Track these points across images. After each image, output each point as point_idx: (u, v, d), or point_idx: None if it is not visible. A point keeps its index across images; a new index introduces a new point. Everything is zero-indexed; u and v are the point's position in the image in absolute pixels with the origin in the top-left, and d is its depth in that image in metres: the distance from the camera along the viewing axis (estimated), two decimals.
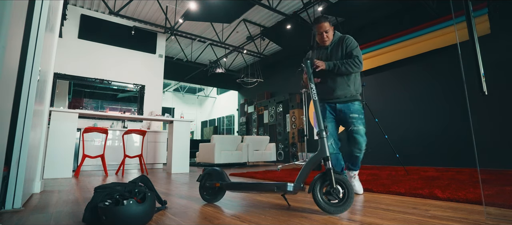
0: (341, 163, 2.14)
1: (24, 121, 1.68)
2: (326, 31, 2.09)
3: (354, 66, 2.00)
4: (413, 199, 1.95)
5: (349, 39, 2.09)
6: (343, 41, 2.09)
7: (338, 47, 2.11)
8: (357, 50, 2.05)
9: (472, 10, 1.41)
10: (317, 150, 1.58)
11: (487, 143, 3.95)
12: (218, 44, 7.59)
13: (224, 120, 13.35)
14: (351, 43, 2.08)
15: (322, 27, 2.09)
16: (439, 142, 4.70)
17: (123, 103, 6.45)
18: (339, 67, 1.99)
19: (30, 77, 1.72)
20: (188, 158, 4.64)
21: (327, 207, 1.48)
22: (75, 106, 5.78)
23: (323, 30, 2.10)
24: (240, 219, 1.42)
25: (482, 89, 1.32)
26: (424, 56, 5.01)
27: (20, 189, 1.67)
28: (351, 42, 2.08)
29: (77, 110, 3.89)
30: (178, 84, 14.00)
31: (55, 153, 3.56)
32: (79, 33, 5.84)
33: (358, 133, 2.02)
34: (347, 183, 1.48)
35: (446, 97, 4.71)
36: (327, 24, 2.09)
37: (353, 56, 2.03)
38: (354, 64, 2.00)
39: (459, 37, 4.11)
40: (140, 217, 1.28)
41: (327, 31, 2.10)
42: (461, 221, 1.32)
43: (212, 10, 5.47)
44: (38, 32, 1.81)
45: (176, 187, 2.70)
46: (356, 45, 2.07)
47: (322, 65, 1.96)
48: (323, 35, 2.10)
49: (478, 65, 1.32)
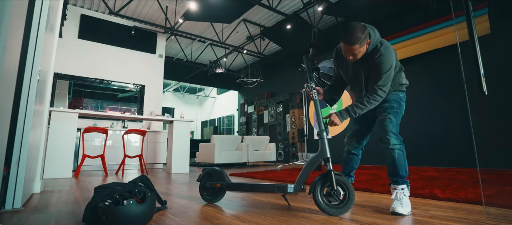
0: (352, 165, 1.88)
1: (24, 121, 1.68)
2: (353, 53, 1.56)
3: (372, 104, 1.58)
4: (413, 199, 1.95)
5: (381, 55, 1.55)
6: (375, 57, 1.57)
7: (369, 61, 1.61)
8: (386, 76, 1.55)
9: (472, 10, 1.41)
10: (318, 151, 1.58)
11: (487, 143, 3.95)
12: (218, 44, 7.59)
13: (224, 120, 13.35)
14: (382, 63, 1.54)
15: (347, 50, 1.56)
16: (439, 142, 4.70)
17: (123, 103, 6.44)
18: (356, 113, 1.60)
19: (30, 77, 1.72)
20: (188, 158, 4.64)
21: (328, 209, 1.48)
22: (75, 106, 5.78)
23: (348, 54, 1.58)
24: (240, 219, 1.42)
25: (482, 89, 1.32)
26: (424, 56, 5.00)
27: (20, 189, 1.67)
28: (382, 60, 1.54)
29: (77, 110, 3.89)
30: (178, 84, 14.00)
31: (55, 153, 3.56)
32: (79, 33, 5.84)
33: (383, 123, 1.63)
34: (348, 185, 1.47)
35: (446, 97, 4.71)
36: (357, 47, 1.52)
37: (374, 87, 1.56)
38: (373, 101, 1.57)
39: (459, 37, 4.11)
40: (140, 217, 1.28)
41: (356, 53, 1.56)
42: (461, 221, 1.32)
43: (212, 10, 5.47)
44: (38, 32, 1.81)
45: (176, 187, 2.70)
46: (387, 67, 1.54)
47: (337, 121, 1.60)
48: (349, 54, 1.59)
49: (478, 65, 1.33)
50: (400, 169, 1.58)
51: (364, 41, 1.53)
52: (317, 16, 6.15)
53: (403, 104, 1.74)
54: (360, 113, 1.59)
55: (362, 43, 1.52)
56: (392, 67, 1.56)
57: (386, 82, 1.56)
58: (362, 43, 1.52)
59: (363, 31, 1.52)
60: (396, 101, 1.69)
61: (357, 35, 1.50)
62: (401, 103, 1.72)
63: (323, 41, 6.85)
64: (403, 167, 1.58)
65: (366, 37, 1.54)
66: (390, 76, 1.58)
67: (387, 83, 1.57)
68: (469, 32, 1.39)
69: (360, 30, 1.51)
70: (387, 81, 1.57)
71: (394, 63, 1.60)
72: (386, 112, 1.65)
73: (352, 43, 1.52)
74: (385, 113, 1.64)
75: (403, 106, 1.74)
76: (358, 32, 1.51)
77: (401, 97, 1.74)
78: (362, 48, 1.55)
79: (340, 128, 6.39)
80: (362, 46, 1.54)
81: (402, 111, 1.73)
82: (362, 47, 1.54)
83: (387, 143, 1.61)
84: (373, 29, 1.61)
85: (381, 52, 1.56)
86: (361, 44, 1.53)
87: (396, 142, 1.60)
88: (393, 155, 1.58)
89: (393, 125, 1.62)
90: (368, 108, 1.59)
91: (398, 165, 1.58)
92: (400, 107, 1.70)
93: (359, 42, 1.51)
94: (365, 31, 1.52)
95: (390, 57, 1.56)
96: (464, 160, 4.32)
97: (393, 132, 1.61)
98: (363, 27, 1.53)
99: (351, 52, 1.56)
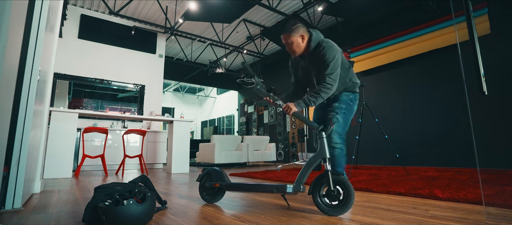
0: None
1: (24, 121, 1.68)
2: (287, 43, 1.75)
3: (325, 93, 1.66)
4: (413, 199, 1.95)
5: (324, 48, 1.69)
6: (320, 52, 1.71)
7: (314, 60, 1.75)
8: (332, 64, 1.66)
9: (472, 10, 1.41)
10: (317, 151, 1.58)
11: (487, 143, 3.95)
12: (218, 44, 7.59)
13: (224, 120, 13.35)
14: (326, 54, 1.67)
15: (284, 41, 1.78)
16: (439, 142, 4.70)
17: (123, 103, 6.44)
18: (310, 102, 1.68)
19: (30, 77, 1.72)
20: (188, 158, 4.64)
21: (327, 209, 1.48)
22: (75, 106, 5.78)
23: (284, 41, 1.78)
24: (240, 219, 1.42)
25: (482, 89, 1.32)
26: (424, 56, 5.01)
27: (20, 189, 1.67)
28: (325, 52, 1.67)
29: (77, 110, 3.89)
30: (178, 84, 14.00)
31: (55, 153, 3.56)
32: (79, 33, 5.84)
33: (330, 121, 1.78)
34: (347, 185, 1.47)
35: (446, 97, 4.71)
36: (287, 36, 1.73)
37: (324, 75, 1.67)
38: (324, 90, 1.66)
39: (459, 37, 4.12)
40: (140, 217, 1.28)
41: (289, 43, 1.74)
42: (461, 221, 1.32)
43: (212, 10, 5.47)
44: (38, 32, 1.81)
45: (176, 187, 2.70)
46: (332, 56, 1.66)
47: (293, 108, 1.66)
48: (287, 46, 1.78)
49: (478, 65, 1.32)
50: (338, 165, 1.76)
51: (295, 33, 1.72)
52: (317, 16, 6.15)
53: (353, 105, 1.86)
54: (314, 102, 1.69)
55: (292, 33, 1.72)
56: (336, 57, 1.68)
57: (334, 70, 1.68)
58: (292, 33, 1.72)
59: (294, 23, 1.74)
60: (346, 102, 1.82)
61: (287, 26, 1.74)
62: (350, 104, 1.84)
63: None
64: (342, 164, 1.77)
65: (299, 30, 1.73)
66: (337, 64, 1.69)
67: (334, 71, 1.68)
68: (469, 32, 1.39)
69: (291, 23, 1.75)
70: (334, 69, 1.68)
71: (339, 56, 1.72)
72: (334, 112, 1.79)
73: (282, 32, 1.74)
74: (333, 113, 1.79)
75: (353, 107, 1.87)
76: (289, 24, 1.75)
77: (352, 98, 1.87)
78: (294, 38, 1.73)
79: None
80: (293, 36, 1.73)
81: (352, 111, 1.86)
82: (294, 37, 1.73)
83: (330, 140, 1.76)
84: (316, 31, 1.80)
85: (323, 46, 1.71)
86: (291, 34, 1.72)
87: (338, 141, 1.75)
88: (334, 153, 1.75)
89: (339, 125, 1.76)
90: (322, 98, 1.69)
91: (337, 162, 1.76)
92: (349, 107, 1.83)
93: (288, 32, 1.72)
94: (297, 24, 1.74)
95: (333, 49, 1.70)
96: (464, 160, 4.32)
97: (338, 131, 1.75)
98: (295, 22, 1.76)
99: (286, 42, 1.76)
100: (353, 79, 1.88)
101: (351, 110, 1.85)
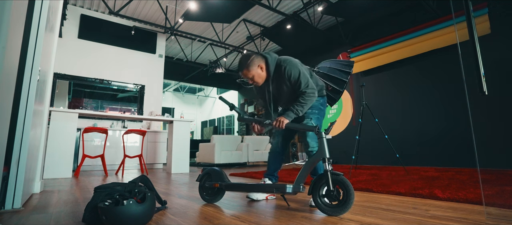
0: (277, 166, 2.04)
1: (24, 121, 1.68)
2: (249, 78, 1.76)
3: (310, 100, 1.74)
4: (413, 199, 1.95)
5: (286, 68, 1.74)
6: (283, 73, 1.76)
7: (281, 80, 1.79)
8: (302, 79, 1.73)
9: (472, 10, 1.41)
10: (317, 151, 1.58)
11: (487, 143, 3.95)
12: (218, 44, 7.58)
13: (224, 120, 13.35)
14: (292, 74, 1.73)
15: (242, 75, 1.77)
16: (439, 142, 4.70)
17: (123, 103, 6.44)
18: (298, 111, 1.75)
19: (30, 77, 1.72)
20: (188, 158, 4.64)
21: (326, 209, 1.47)
22: (75, 106, 5.78)
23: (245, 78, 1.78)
24: (240, 219, 1.42)
25: (482, 89, 1.32)
26: (424, 56, 5.00)
27: (20, 189, 1.67)
28: (290, 72, 1.73)
29: (77, 110, 3.89)
30: (178, 84, 13.99)
31: (55, 153, 3.56)
32: (79, 33, 5.84)
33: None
34: (347, 184, 1.47)
35: (446, 97, 4.71)
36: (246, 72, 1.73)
37: (301, 90, 1.73)
38: (308, 98, 1.73)
39: (459, 37, 4.11)
40: (140, 217, 1.28)
41: (251, 77, 1.76)
42: (461, 221, 1.32)
43: (212, 10, 5.47)
44: (38, 32, 1.81)
45: (176, 187, 2.70)
46: (297, 72, 1.72)
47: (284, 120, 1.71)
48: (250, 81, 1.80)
49: (478, 65, 1.32)
50: (319, 169, 1.86)
51: (253, 65, 1.73)
52: (317, 16, 6.15)
53: (324, 108, 1.98)
54: (302, 110, 1.75)
55: (250, 67, 1.73)
56: (301, 71, 1.74)
57: (306, 81, 1.74)
58: (250, 67, 1.73)
59: (247, 58, 1.74)
60: (317, 107, 1.91)
61: (243, 63, 1.75)
62: (321, 108, 1.95)
63: (323, 41, 6.85)
64: (322, 167, 1.80)
65: (254, 62, 1.73)
66: (305, 76, 1.75)
67: (308, 83, 1.74)
68: (469, 32, 1.38)
69: (245, 58, 1.75)
70: (306, 80, 1.74)
71: (302, 68, 1.78)
72: (308, 118, 1.86)
73: (240, 70, 1.76)
74: (307, 119, 1.85)
75: (324, 109, 1.98)
76: (243, 60, 1.76)
77: (322, 102, 1.96)
78: (254, 71, 1.74)
79: (340, 129, 6.39)
80: (252, 70, 1.74)
81: (324, 114, 1.97)
82: (253, 71, 1.74)
83: (307, 145, 1.84)
84: (269, 53, 1.81)
85: (284, 66, 1.75)
86: (250, 69, 1.73)
87: (315, 145, 1.81)
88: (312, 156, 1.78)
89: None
90: (308, 105, 1.76)
91: (317, 166, 1.84)
92: (320, 111, 1.93)
93: (246, 68, 1.73)
94: (250, 57, 1.74)
95: (294, 65, 1.76)
96: (464, 160, 4.32)
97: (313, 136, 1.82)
98: (248, 55, 1.76)
99: (247, 78, 1.77)
100: (319, 83, 1.96)
101: (323, 114, 1.96)
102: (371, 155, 5.44)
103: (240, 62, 1.77)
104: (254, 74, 1.75)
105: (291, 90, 1.82)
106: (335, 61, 2.25)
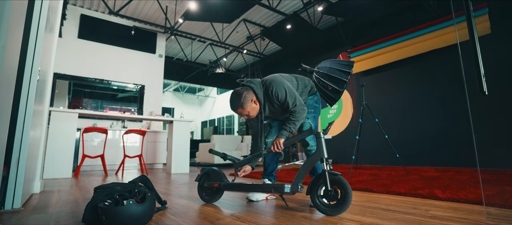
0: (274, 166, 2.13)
1: (24, 121, 1.68)
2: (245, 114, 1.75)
3: (300, 117, 1.75)
4: (413, 199, 1.95)
5: (272, 91, 1.73)
6: (272, 95, 1.74)
7: (271, 100, 1.78)
8: (289, 99, 1.72)
9: (472, 10, 1.41)
10: (316, 151, 1.58)
11: (487, 143, 3.95)
12: (218, 44, 7.58)
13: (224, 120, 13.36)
14: (279, 94, 1.72)
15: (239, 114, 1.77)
16: (439, 142, 4.70)
17: (123, 103, 6.44)
18: (291, 129, 1.77)
19: (30, 77, 1.72)
20: (188, 158, 4.63)
21: (325, 209, 1.47)
22: (75, 106, 5.78)
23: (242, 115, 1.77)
24: (240, 219, 1.42)
25: (482, 89, 1.31)
26: (424, 56, 5.00)
27: (20, 189, 1.67)
28: (277, 94, 1.72)
29: (77, 110, 3.88)
30: (178, 84, 14.00)
31: (55, 153, 3.56)
32: (79, 33, 5.84)
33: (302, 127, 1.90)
34: (344, 184, 1.47)
35: (446, 97, 4.71)
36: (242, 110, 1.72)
37: (290, 110, 1.74)
38: (299, 115, 1.74)
39: (459, 37, 4.11)
40: (140, 217, 1.28)
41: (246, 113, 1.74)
42: (461, 221, 1.32)
43: (212, 10, 5.46)
44: (37, 32, 1.80)
45: (176, 187, 2.70)
46: (283, 93, 1.71)
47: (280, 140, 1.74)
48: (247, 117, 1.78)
49: (479, 65, 1.32)
50: (318, 169, 1.90)
51: (247, 102, 1.70)
52: (317, 16, 6.15)
53: (318, 105, 2.01)
54: (295, 127, 1.77)
55: (244, 105, 1.70)
56: (286, 90, 1.73)
57: (293, 100, 1.73)
58: (244, 105, 1.70)
59: (239, 96, 1.70)
60: (312, 106, 1.95)
61: (236, 102, 1.71)
62: (316, 106, 1.98)
63: (323, 41, 6.85)
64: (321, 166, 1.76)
65: (247, 97, 1.71)
66: (292, 93, 1.74)
67: (294, 100, 1.73)
68: (470, 32, 1.38)
69: (237, 97, 1.71)
70: (293, 98, 1.73)
71: (287, 84, 1.77)
72: (306, 117, 1.88)
73: (235, 109, 1.74)
74: (304, 119, 1.87)
75: (319, 107, 2.02)
76: (236, 100, 1.71)
77: (316, 99, 2.01)
78: (249, 108, 1.72)
79: (340, 129, 6.39)
80: (247, 107, 1.71)
81: (319, 111, 2.02)
82: (248, 107, 1.71)
83: (306, 145, 1.89)
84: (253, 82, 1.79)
85: (270, 89, 1.74)
86: (245, 106, 1.70)
87: (314, 144, 1.87)
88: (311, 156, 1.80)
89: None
90: (299, 121, 1.76)
91: (315, 165, 1.88)
92: (316, 109, 1.97)
93: (241, 106, 1.70)
94: (243, 94, 1.71)
95: (279, 84, 1.74)
96: (464, 160, 4.31)
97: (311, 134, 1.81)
98: (239, 94, 1.72)
99: (242, 115, 1.74)
100: (307, 84, 1.98)
101: (318, 111, 2.01)
102: (371, 155, 5.44)
103: (233, 102, 1.73)
104: (249, 110, 1.74)
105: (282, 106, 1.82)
106: (335, 61, 2.25)
